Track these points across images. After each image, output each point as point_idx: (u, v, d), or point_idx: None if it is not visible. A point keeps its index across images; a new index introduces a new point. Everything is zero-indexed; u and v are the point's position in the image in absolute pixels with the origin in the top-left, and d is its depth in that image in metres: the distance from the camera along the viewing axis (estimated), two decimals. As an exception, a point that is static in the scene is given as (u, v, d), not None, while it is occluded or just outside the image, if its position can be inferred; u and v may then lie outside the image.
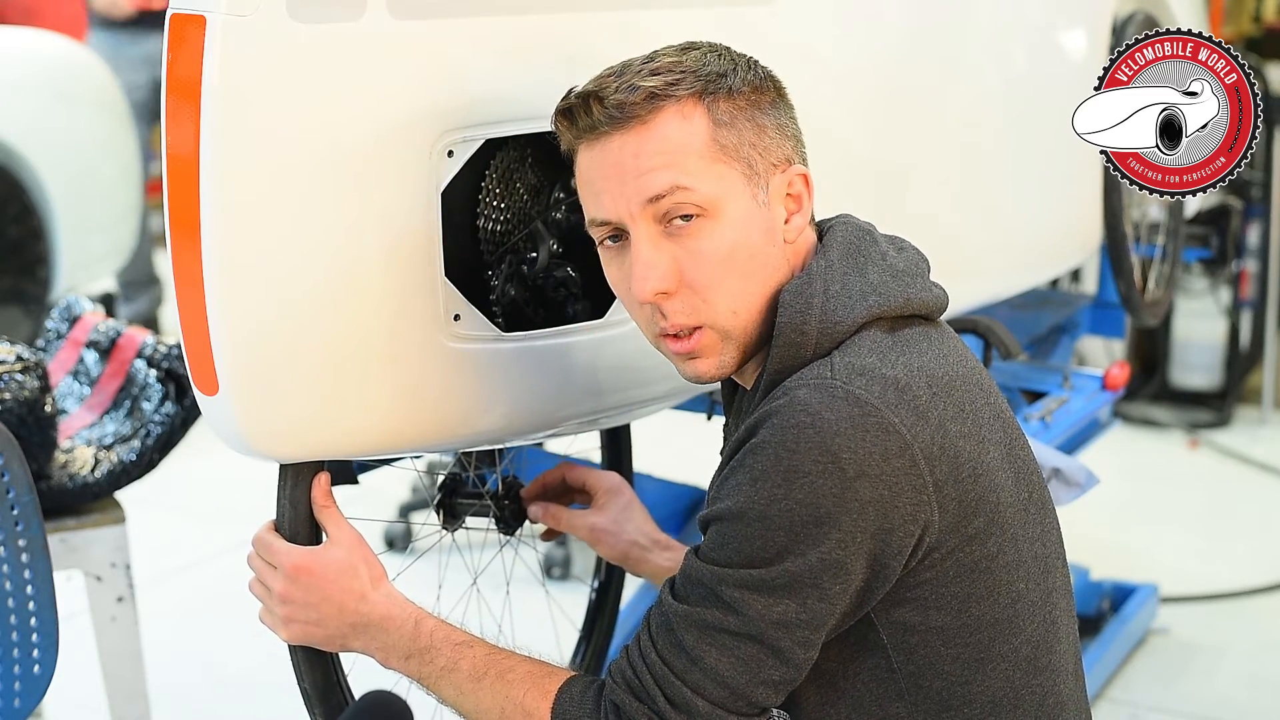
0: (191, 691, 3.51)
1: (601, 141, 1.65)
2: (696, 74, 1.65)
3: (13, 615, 2.13)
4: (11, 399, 2.48)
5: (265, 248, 1.64)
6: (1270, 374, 5.82)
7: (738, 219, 1.65)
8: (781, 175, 1.68)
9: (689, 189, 1.63)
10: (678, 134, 1.63)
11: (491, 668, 1.69)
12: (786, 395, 1.59)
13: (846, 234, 1.71)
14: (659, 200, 1.63)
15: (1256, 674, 3.72)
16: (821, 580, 1.56)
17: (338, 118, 1.67)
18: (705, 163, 1.64)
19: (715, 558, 1.60)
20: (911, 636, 1.63)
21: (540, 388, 1.90)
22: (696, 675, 1.59)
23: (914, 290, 1.69)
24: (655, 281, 1.64)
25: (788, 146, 1.70)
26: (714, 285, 1.65)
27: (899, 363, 1.61)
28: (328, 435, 1.74)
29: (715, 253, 1.64)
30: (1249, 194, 5.59)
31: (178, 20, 1.60)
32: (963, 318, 2.73)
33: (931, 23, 2.62)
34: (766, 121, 1.68)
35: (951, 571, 1.61)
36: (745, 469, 1.58)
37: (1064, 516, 1.84)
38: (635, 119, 1.63)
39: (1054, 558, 1.74)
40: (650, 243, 1.65)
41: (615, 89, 1.64)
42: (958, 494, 1.60)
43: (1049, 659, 1.70)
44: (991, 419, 1.68)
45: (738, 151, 1.65)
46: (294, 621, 1.77)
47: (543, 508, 2.12)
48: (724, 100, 1.65)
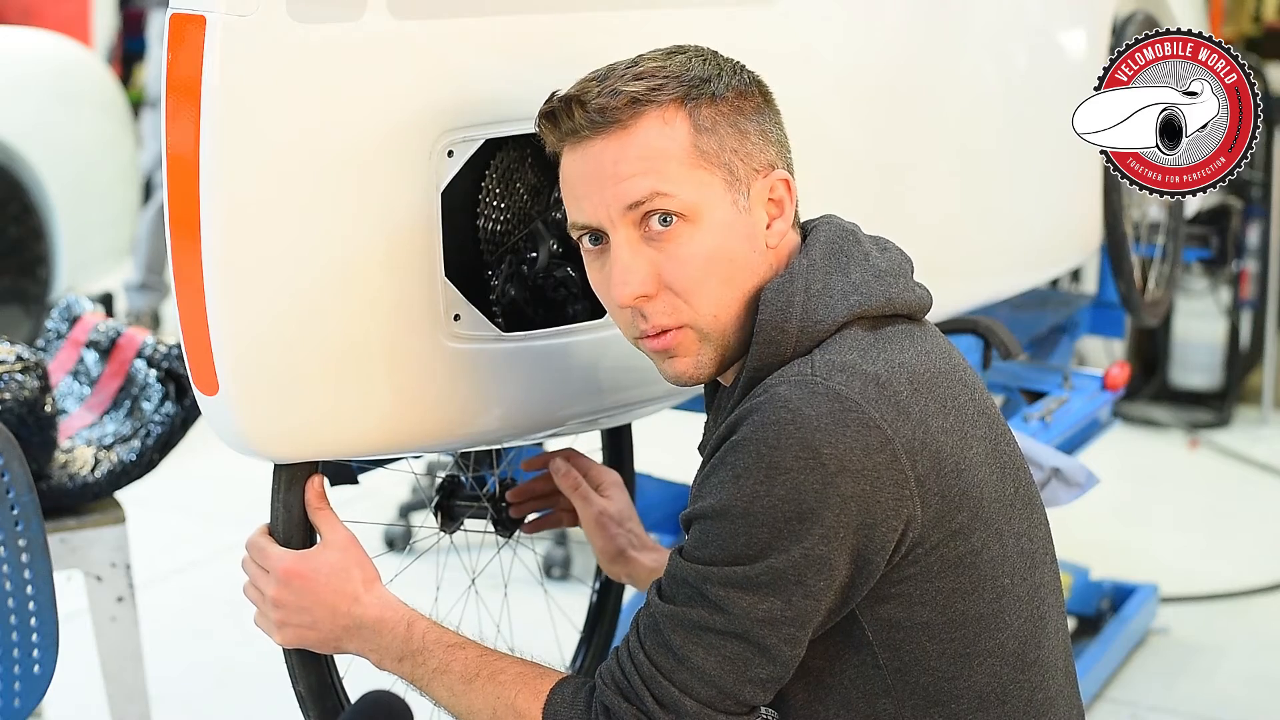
0: (191, 691, 3.51)
1: (583, 145, 1.65)
2: (680, 79, 1.64)
3: (13, 615, 2.13)
4: (11, 399, 2.48)
5: (265, 247, 1.64)
6: (1270, 374, 5.82)
7: (717, 225, 1.65)
8: (763, 180, 1.68)
9: (668, 195, 1.63)
10: (658, 140, 1.63)
11: (483, 669, 1.69)
12: (767, 392, 1.59)
13: (830, 234, 1.71)
14: (638, 206, 1.64)
15: (1256, 674, 3.73)
16: (806, 576, 1.56)
17: (338, 118, 1.67)
18: (685, 169, 1.63)
19: (699, 556, 1.60)
20: (897, 633, 1.63)
21: (540, 388, 1.90)
22: (684, 675, 1.59)
23: (896, 290, 1.68)
24: (634, 286, 1.64)
25: (771, 152, 1.69)
26: (695, 289, 1.65)
27: (880, 359, 1.61)
28: (328, 435, 1.74)
29: (695, 257, 1.64)
30: (1249, 194, 5.59)
31: (178, 20, 1.60)
32: (963, 318, 2.73)
33: (932, 22, 2.62)
34: (749, 127, 1.67)
35: (935, 567, 1.61)
36: (727, 466, 1.58)
37: (1064, 516, 1.84)
38: (616, 124, 1.63)
39: (1041, 553, 1.73)
40: (629, 247, 1.65)
41: (597, 93, 1.63)
42: (940, 489, 1.60)
43: (1036, 654, 1.69)
44: (975, 414, 1.68)
45: (718, 157, 1.65)
46: (288, 625, 1.77)
47: (533, 525, 2.14)
48: (706, 106, 1.65)
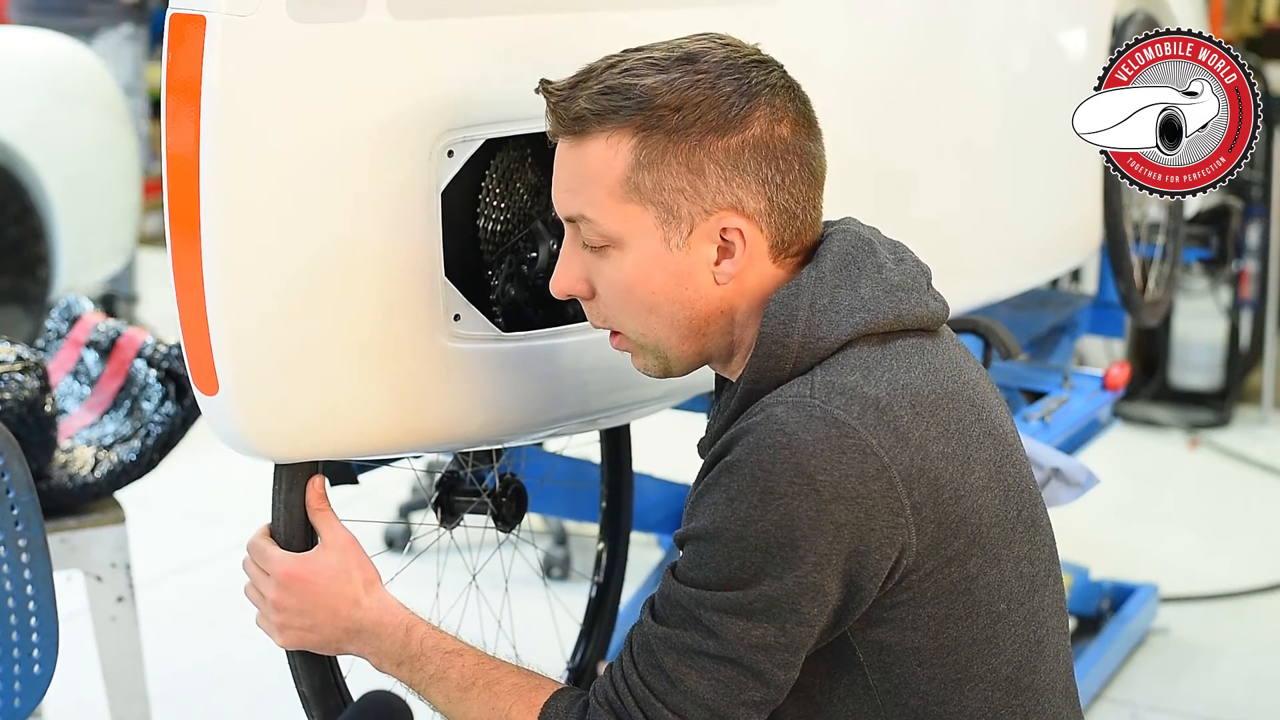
0: (191, 691, 3.51)
1: (560, 141, 1.68)
2: (643, 102, 1.60)
3: (13, 615, 2.13)
4: (11, 399, 2.48)
5: (265, 247, 1.64)
6: (1270, 374, 5.82)
7: (640, 259, 1.64)
8: (713, 220, 1.63)
9: (591, 221, 1.65)
10: (596, 163, 1.63)
11: (480, 677, 1.69)
12: (764, 411, 1.57)
13: (844, 243, 1.67)
14: (570, 221, 1.68)
15: (1256, 674, 3.72)
16: (799, 603, 1.55)
17: (338, 118, 1.67)
18: (612, 201, 1.63)
19: (693, 578, 1.59)
20: (888, 656, 1.62)
21: (540, 388, 1.90)
22: (677, 698, 1.58)
23: (906, 306, 1.65)
24: (561, 282, 1.70)
25: (736, 194, 1.62)
26: (616, 310, 1.68)
27: (883, 380, 1.59)
28: (328, 435, 1.74)
29: (616, 282, 1.66)
30: (1249, 194, 5.59)
31: (178, 20, 1.60)
32: (963, 318, 2.73)
33: (932, 22, 2.62)
34: (711, 167, 1.61)
35: (929, 593, 1.60)
36: (721, 487, 1.57)
37: (1064, 516, 1.84)
38: (574, 134, 1.65)
39: (1043, 576, 1.71)
40: (570, 246, 1.70)
41: (568, 96, 1.64)
42: (937, 516, 1.58)
43: (1031, 679, 1.67)
44: (981, 436, 1.65)
45: (654, 195, 1.62)
46: (288, 628, 1.77)
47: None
48: (660, 137, 1.61)
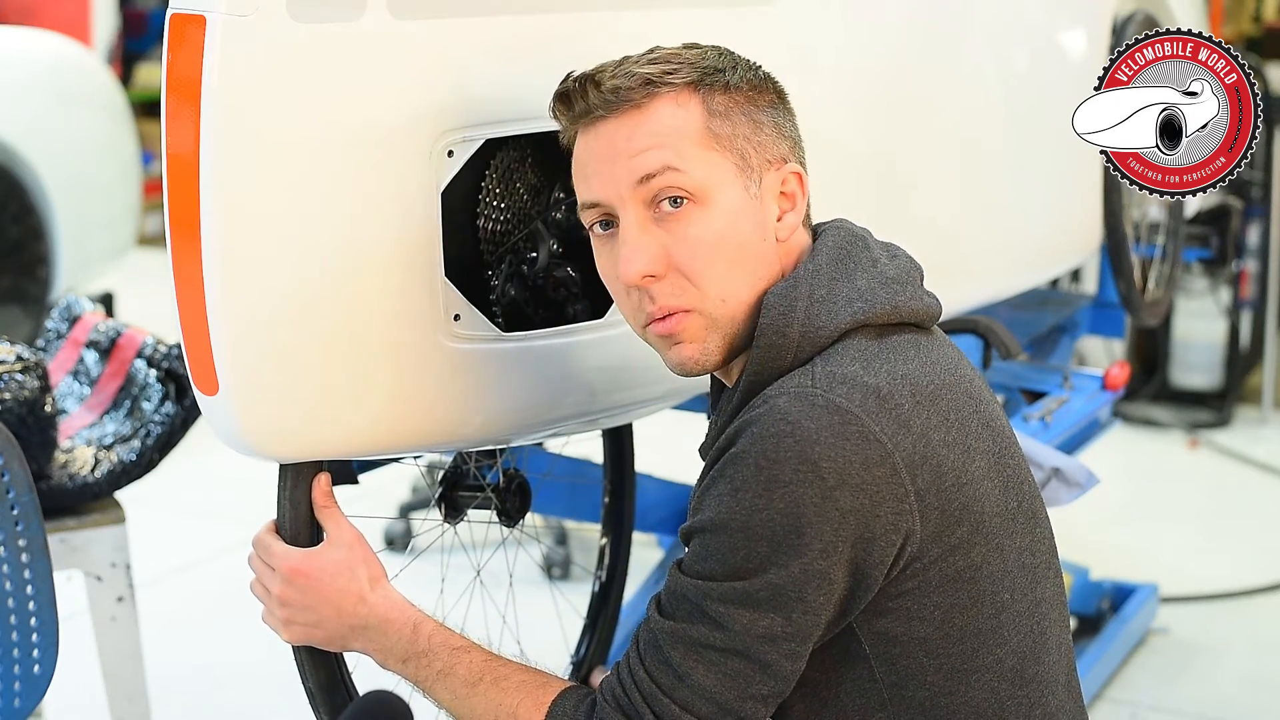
0: (191, 691, 3.51)
1: (596, 126, 1.65)
2: (694, 65, 1.66)
3: (13, 615, 2.13)
4: (11, 399, 2.48)
5: (265, 248, 1.64)
6: (1270, 374, 5.82)
7: (728, 207, 1.64)
8: (776, 173, 1.68)
9: (680, 171, 1.62)
10: (671, 119, 1.63)
11: (486, 674, 1.69)
12: (766, 403, 1.58)
13: (838, 238, 1.70)
14: (649, 180, 1.62)
15: (1256, 674, 3.72)
16: (805, 592, 1.55)
17: (338, 118, 1.67)
18: (698, 148, 1.63)
19: (699, 571, 1.59)
20: (894, 647, 1.62)
21: (540, 388, 1.89)
22: (684, 692, 1.58)
23: (903, 298, 1.66)
24: (640, 264, 1.62)
25: (784, 146, 1.70)
26: (703, 271, 1.63)
27: (882, 370, 1.60)
28: (328, 435, 1.74)
29: (704, 239, 1.63)
30: (1249, 194, 5.59)
31: (178, 20, 1.60)
32: (963, 318, 2.73)
33: (932, 22, 2.62)
34: (763, 119, 1.68)
35: (934, 581, 1.60)
36: (726, 479, 1.57)
37: (1064, 516, 1.84)
38: (630, 104, 1.63)
39: (1044, 568, 1.71)
40: (638, 226, 1.64)
41: (612, 74, 1.65)
42: (940, 503, 1.59)
43: (1035, 670, 1.68)
44: (979, 427, 1.66)
45: (731, 142, 1.65)
46: (294, 624, 1.77)
47: None
48: (719, 93, 1.65)
